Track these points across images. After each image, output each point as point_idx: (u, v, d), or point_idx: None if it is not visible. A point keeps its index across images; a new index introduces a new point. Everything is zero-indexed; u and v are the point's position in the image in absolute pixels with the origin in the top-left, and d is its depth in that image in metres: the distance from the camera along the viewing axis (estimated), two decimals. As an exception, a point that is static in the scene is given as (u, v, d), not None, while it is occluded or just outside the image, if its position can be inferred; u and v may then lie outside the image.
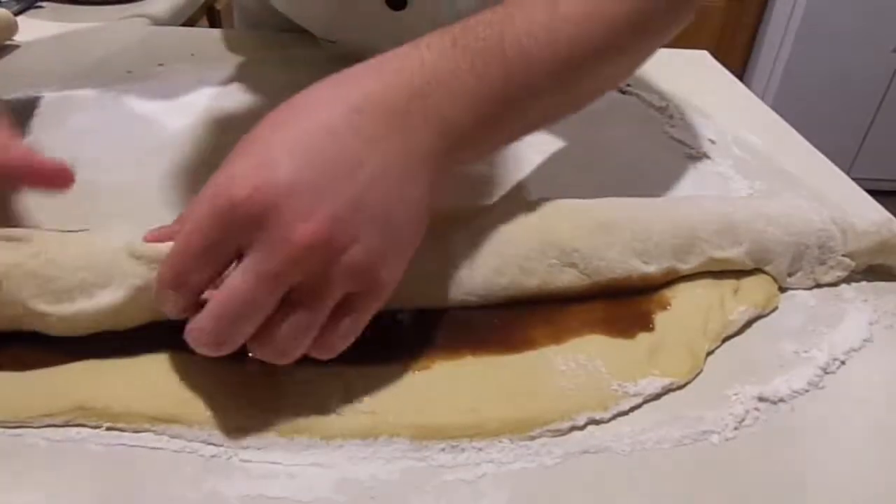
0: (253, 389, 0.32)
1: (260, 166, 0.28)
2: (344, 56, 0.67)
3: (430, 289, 0.36)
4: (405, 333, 0.36)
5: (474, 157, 0.36)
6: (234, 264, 0.29)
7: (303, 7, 0.66)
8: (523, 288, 0.37)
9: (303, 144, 0.29)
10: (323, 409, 0.32)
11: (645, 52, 0.44)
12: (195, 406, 0.31)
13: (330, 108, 0.30)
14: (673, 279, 0.40)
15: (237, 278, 0.27)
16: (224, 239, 0.28)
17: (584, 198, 0.41)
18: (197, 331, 0.28)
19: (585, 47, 0.37)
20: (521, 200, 0.41)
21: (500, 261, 0.37)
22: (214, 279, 0.29)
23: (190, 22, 1.12)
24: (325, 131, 0.29)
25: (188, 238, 0.28)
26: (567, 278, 0.38)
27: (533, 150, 0.55)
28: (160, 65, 0.66)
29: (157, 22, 0.97)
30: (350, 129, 0.30)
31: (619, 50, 0.39)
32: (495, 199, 0.41)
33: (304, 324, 0.29)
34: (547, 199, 0.41)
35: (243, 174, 0.28)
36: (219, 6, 1.31)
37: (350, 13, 0.62)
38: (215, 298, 0.28)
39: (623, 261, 0.38)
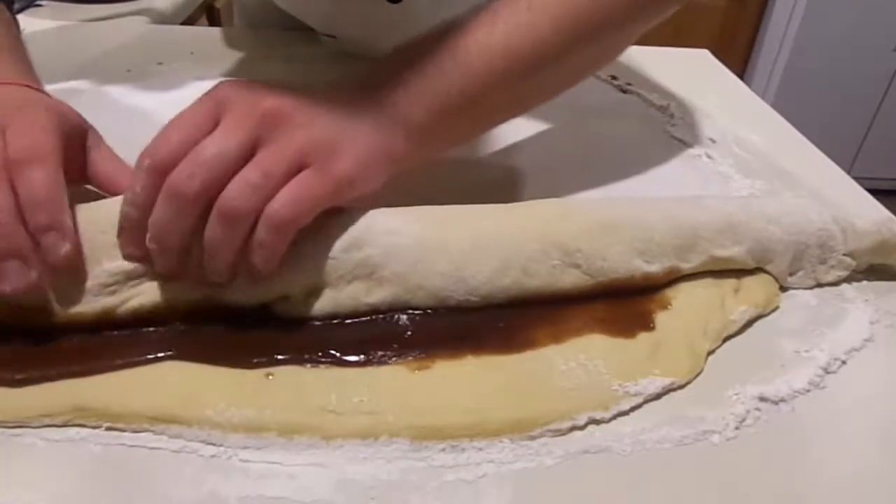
0: (253, 389, 0.32)
1: (244, 81, 0.35)
2: (343, 52, 0.68)
3: (432, 289, 0.36)
4: (405, 333, 0.36)
5: (438, 143, 0.40)
6: None
7: (303, 2, 0.66)
8: (526, 288, 0.37)
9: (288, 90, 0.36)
10: (323, 409, 0.31)
11: (620, 38, 0.45)
12: (195, 406, 0.31)
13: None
14: (674, 279, 0.40)
15: (212, 135, 0.33)
16: (207, 116, 0.33)
17: (585, 197, 0.41)
18: (177, 176, 0.32)
19: (535, 50, 0.40)
20: (523, 201, 0.41)
21: (503, 262, 0.37)
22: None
23: (189, 20, 1.12)
24: (301, 92, 0.36)
25: (180, 116, 0.33)
26: (570, 279, 0.38)
27: (533, 150, 0.55)
28: (159, 63, 0.66)
29: (157, 20, 0.97)
30: (318, 93, 0.36)
31: (582, 41, 0.41)
32: (496, 199, 0.41)
33: (260, 177, 0.32)
34: (548, 200, 0.41)
35: (227, 84, 0.35)
36: (218, 5, 1.31)
37: (350, 7, 0.62)
38: (194, 150, 0.32)
39: (626, 260, 0.38)
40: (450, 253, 0.36)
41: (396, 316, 0.36)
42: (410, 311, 0.37)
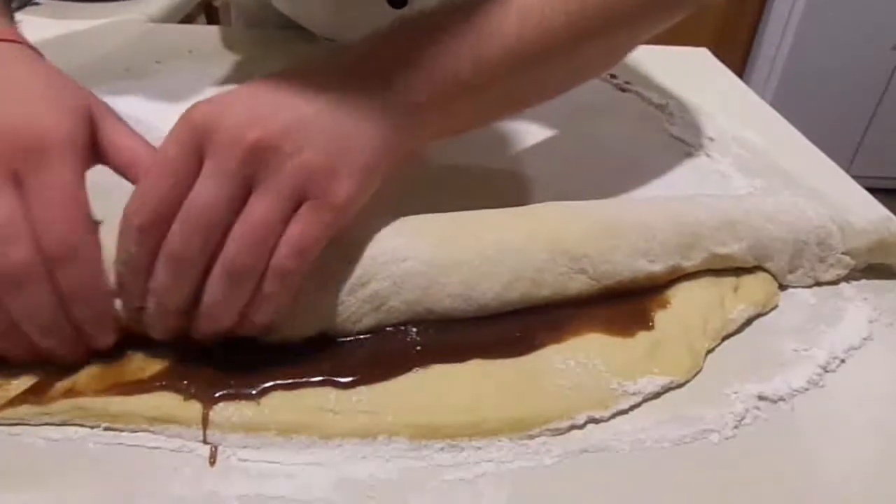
0: (252, 388, 0.32)
1: (222, 98, 0.32)
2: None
3: (441, 311, 0.36)
4: (415, 349, 0.35)
5: (437, 127, 0.38)
6: None
7: (303, 6, 0.66)
8: (534, 299, 0.37)
9: (272, 84, 0.33)
10: (321, 408, 0.31)
11: (629, 38, 0.44)
12: (193, 406, 0.31)
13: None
14: (674, 278, 0.40)
15: (199, 185, 0.30)
16: (189, 153, 0.30)
17: (585, 197, 0.41)
18: (173, 240, 0.30)
19: (552, 36, 0.38)
20: (522, 199, 0.41)
21: (513, 275, 0.36)
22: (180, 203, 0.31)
23: (188, 19, 1.12)
24: (295, 76, 0.34)
25: (161, 159, 0.31)
26: (577, 285, 0.37)
27: (531, 148, 0.55)
28: (158, 62, 0.66)
29: (155, 19, 0.97)
30: (316, 74, 0.35)
31: (591, 38, 0.40)
32: (495, 199, 0.41)
33: (261, 228, 0.30)
34: (550, 203, 0.40)
35: (204, 104, 0.32)
36: (216, 3, 1.31)
37: (350, 12, 0.62)
38: (181, 212, 0.30)
39: (630, 262, 0.38)
40: (460, 273, 0.36)
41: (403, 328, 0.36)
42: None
